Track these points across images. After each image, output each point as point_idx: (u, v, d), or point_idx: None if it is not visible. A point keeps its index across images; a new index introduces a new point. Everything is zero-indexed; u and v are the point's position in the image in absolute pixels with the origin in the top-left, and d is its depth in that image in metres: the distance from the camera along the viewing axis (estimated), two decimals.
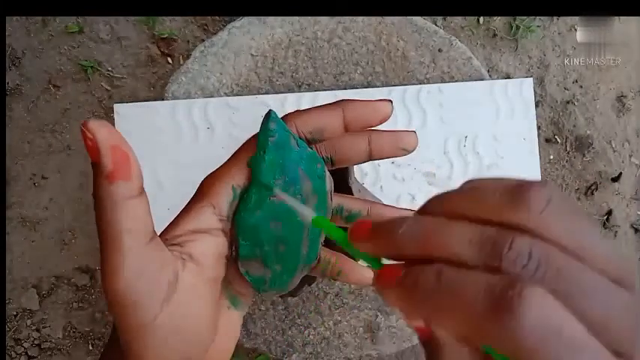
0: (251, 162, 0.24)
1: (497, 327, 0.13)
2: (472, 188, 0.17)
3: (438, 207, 0.17)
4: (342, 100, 0.25)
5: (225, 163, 0.24)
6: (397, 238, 0.16)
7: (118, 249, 0.18)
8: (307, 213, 0.21)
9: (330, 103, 0.25)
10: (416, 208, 0.31)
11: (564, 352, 0.13)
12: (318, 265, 0.28)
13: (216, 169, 0.24)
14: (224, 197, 0.23)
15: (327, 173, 0.26)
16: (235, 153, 0.25)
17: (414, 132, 0.27)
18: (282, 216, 0.24)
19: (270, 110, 0.24)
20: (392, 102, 0.26)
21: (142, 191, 0.19)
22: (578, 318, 0.14)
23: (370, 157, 0.27)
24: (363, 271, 0.29)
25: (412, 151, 0.27)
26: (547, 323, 0.13)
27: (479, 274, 0.14)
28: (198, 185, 0.24)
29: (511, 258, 0.14)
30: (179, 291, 0.20)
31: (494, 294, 0.14)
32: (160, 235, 0.22)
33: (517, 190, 0.15)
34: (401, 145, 0.27)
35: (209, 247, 0.23)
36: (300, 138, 0.25)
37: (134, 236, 0.18)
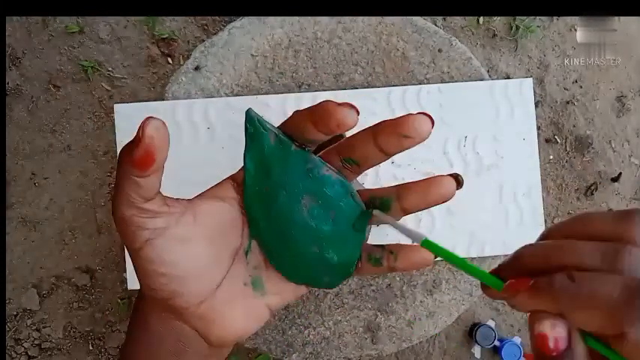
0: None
1: (636, 315, 0.17)
2: (580, 216, 0.21)
3: (552, 234, 0.22)
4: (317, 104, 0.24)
5: None
6: (524, 256, 0.21)
7: (119, 199, 0.23)
8: (415, 235, 0.24)
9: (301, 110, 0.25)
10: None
11: None
12: (368, 263, 0.27)
13: None
14: (242, 178, 0.26)
15: (329, 174, 0.25)
16: None
17: (423, 114, 0.23)
18: (271, 208, 0.26)
19: (247, 110, 0.25)
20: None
21: (149, 176, 0.22)
22: None
23: (383, 152, 0.24)
24: (421, 252, 0.26)
25: (421, 137, 0.23)
26: None
27: (609, 275, 0.18)
28: (197, 185, 0.27)
29: (632, 262, 0.18)
30: (166, 236, 0.23)
31: (632, 288, 0.17)
32: (192, 198, 0.26)
33: (624, 214, 0.20)
34: (401, 131, 0.23)
35: (214, 209, 0.25)
36: (303, 148, 0.25)
37: (132, 198, 0.22)
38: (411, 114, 0.23)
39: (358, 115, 0.23)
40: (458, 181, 0.25)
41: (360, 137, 0.24)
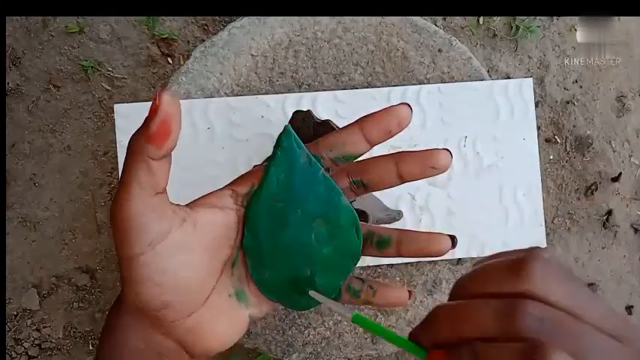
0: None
1: None
2: (480, 269, 0.20)
3: (459, 292, 0.20)
4: (360, 117, 0.26)
5: (257, 166, 0.27)
6: (435, 325, 0.20)
7: (128, 192, 0.22)
8: (343, 311, 0.24)
9: (348, 124, 0.26)
10: (416, 208, 0.31)
11: None
12: (346, 293, 0.29)
13: (248, 171, 0.28)
14: (244, 189, 0.26)
15: (347, 204, 0.26)
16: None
17: (446, 150, 0.26)
18: (280, 224, 0.26)
19: (286, 125, 0.26)
20: (409, 105, 0.26)
21: (163, 157, 0.22)
22: None
23: (401, 179, 0.26)
24: (398, 292, 0.29)
25: (445, 169, 0.26)
26: None
27: (505, 344, 0.17)
28: (197, 185, 0.27)
29: (526, 325, 0.17)
30: (167, 242, 0.23)
31: (528, 356, 0.16)
32: (187, 204, 0.26)
33: (517, 264, 0.18)
34: (430, 164, 0.26)
35: (214, 218, 0.25)
36: (323, 160, 0.26)
37: (143, 187, 0.22)
38: (436, 149, 0.26)
39: (412, 111, 0.26)
40: (453, 242, 0.27)
41: (379, 162, 0.26)
